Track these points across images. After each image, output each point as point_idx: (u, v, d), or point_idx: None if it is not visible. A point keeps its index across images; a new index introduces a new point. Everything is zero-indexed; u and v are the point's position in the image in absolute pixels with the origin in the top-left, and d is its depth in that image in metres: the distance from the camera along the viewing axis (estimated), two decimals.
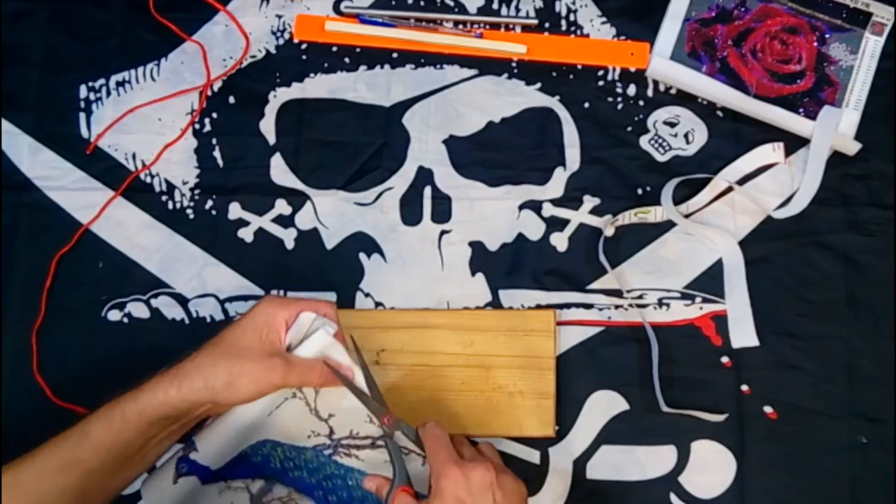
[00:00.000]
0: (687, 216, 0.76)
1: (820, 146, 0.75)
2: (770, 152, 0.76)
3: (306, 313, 0.62)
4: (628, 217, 0.75)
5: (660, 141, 0.78)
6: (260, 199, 0.77)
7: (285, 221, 0.77)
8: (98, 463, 0.56)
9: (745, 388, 0.72)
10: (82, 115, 0.79)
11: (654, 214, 0.75)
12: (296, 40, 0.80)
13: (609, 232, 0.75)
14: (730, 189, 0.76)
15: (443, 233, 0.76)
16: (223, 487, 0.64)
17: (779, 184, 0.76)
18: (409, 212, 0.77)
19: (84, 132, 0.78)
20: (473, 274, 0.76)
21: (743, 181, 0.76)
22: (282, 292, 0.75)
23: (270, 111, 0.79)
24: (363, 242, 0.76)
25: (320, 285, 0.75)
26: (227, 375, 0.57)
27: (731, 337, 0.73)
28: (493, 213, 0.77)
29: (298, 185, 0.77)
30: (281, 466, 0.64)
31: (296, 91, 0.79)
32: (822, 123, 0.75)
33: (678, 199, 0.76)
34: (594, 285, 0.75)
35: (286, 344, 0.62)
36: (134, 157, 0.78)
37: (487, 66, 0.79)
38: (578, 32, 0.80)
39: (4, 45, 0.79)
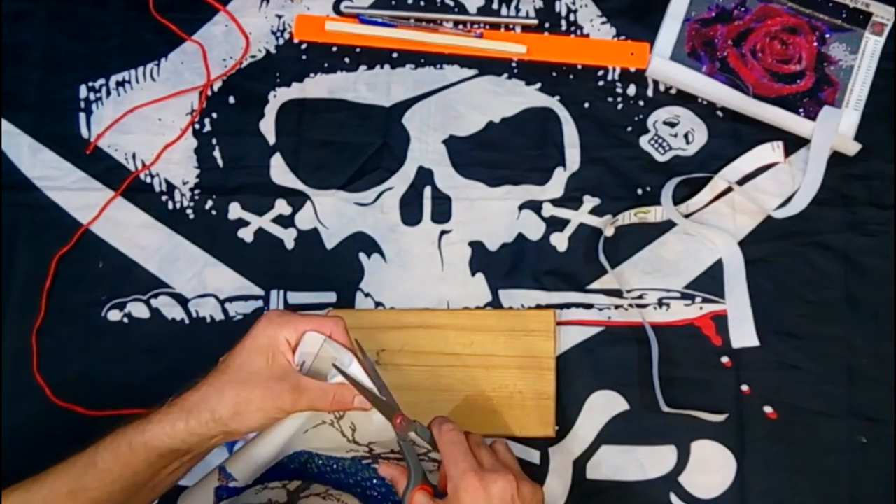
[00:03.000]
0: (687, 216, 0.76)
1: (820, 146, 0.75)
2: (769, 152, 0.76)
3: (313, 334, 0.58)
4: (628, 217, 0.75)
5: (660, 141, 0.78)
6: (260, 199, 0.77)
7: (285, 221, 0.77)
8: (105, 493, 0.55)
9: (745, 388, 0.72)
10: (82, 115, 0.79)
11: (654, 214, 0.75)
12: (296, 40, 0.80)
13: (609, 232, 0.75)
14: (730, 189, 0.76)
15: (443, 233, 0.76)
16: (260, 488, 0.62)
17: (779, 184, 0.76)
18: (409, 212, 0.77)
19: (84, 132, 0.78)
20: (473, 274, 0.76)
21: (743, 181, 0.76)
22: (282, 292, 0.75)
23: (270, 111, 0.79)
24: (363, 242, 0.76)
25: (320, 285, 0.75)
26: (233, 404, 0.55)
27: (731, 337, 0.73)
28: (493, 213, 0.77)
29: (298, 185, 0.77)
30: (318, 471, 0.62)
31: (296, 91, 0.79)
32: (822, 123, 0.75)
33: (678, 199, 0.76)
34: (594, 285, 0.75)
35: (296, 365, 0.58)
36: (134, 157, 0.78)
37: (487, 66, 0.79)
38: (578, 32, 0.80)
39: (4, 45, 0.79)
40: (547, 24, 0.80)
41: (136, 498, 0.57)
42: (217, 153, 0.78)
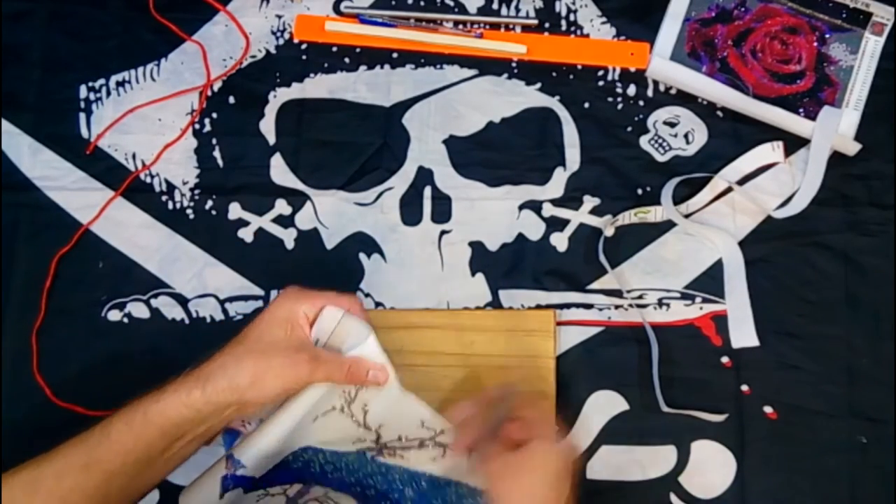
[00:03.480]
0: (687, 216, 0.76)
1: (820, 146, 0.75)
2: (769, 152, 0.76)
3: (331, 309, 0.60)
4: (628, 217, 0.75)
5: (660, 141, 0.78)
6: (260, 199, 0.77)
7: (285, 221, 0.77)
8: (119, 465, 0.54)
9: (745, 388, 0.72)
10: (82, 115, 0.79)
11: (654, 214, 0.75)
12: (296, 40, 0.80)
13: (609, 232, 0.75)
14: (730, 189, 0.76)
15: (443, 233, 0.76)
16: (262, 494, 0.62)
17: (779, 184, 0.76)
18: (409, 212, 0.77)
19: (84, 132, 0.78)
20: (473, 274, 0.76)
21: (743, 181, 0.76)
22: None
23: (270, 111, 0.79)
24: (363, 242, 0.76)
25: (320, 285, 0.74)
26: (252, 373, 0.55)
27: (731, 337, 0.73)
28: (493, 213, 0.77)
29: (298, 185, 0.77)
30: (320, 470, 0.62)
31: (296, 91, 0.79)
32: (822, 123, 0.75)
33: (678, 199, 0.76)
34: (594, 285, 0.75)
35: (314, 339, 0.59)
36: (134, 157, 0.78)
37: (487, 66, 0.79)
38: (578, 32, 0.80)
39: (4, 45, 0.79)
40: (547, 24, 0.80)
41: (149, 472, 0.57)
42: (217, 153, 0.78)
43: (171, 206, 0.77)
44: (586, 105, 0.78)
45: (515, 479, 0.54)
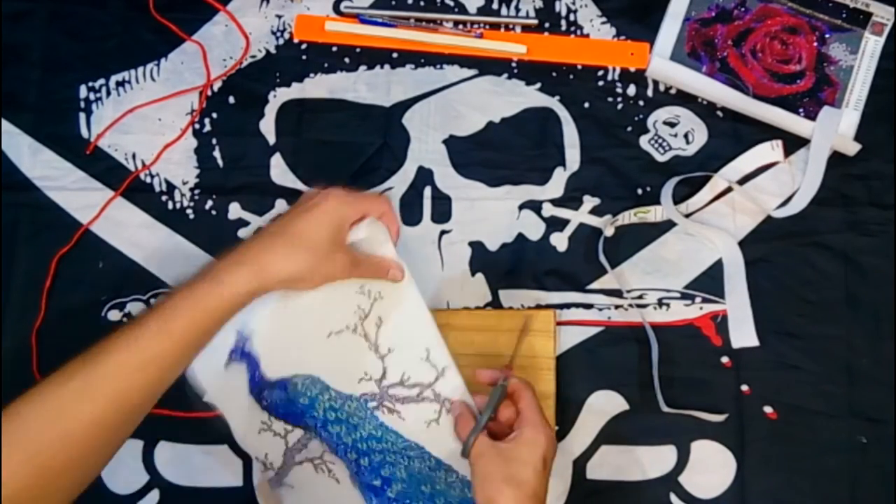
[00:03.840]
0: (687, 216, 0.76)
1: (820, 146, 0.75)
2: (769, 151, 0.76)
3: (366, 221, 0.64)
4: (628, 217, 0.75)
5: (660, 141, 0.78)
6: (260, 199, 0.77)
7: None
8: (178, 359, 0.55)
9: (745, 388, 0.72)
10: (82, 115, 0.79)
11: (654, 214, 0.75)
12: (296, 40, 0.80)
13: (609, 232, 0.75)
14: (730, 189, 0.76)
15: (443, 233, 0.76)
16: (264, 427, 0.66)
17: (779, 184, 0.76)
18: (409, 212, 0.77)
19: (84, 132, 0.78)
20: (473, 274, 0.76)
21: (743, 181, 0.76)
22: None
23: (270, 111, 0.79)
24: None
25: None
26: (306, 269, 0.59)
27: (731, 337, 0.73)
28: (493, 213, 0.77)
29: (298, 185, 0.77)
30: (323, 416, 0.65)
31: (296, 91, 0.79)
32: (822, 124, 0.75)
33: (678, 199, 0.76)
34: (594, 285, 0.75)
35: (349, 241, 0.63)
36: (134, 157, 0.78)
37: (487, 66, 0.79)
38: (578, 32, 0.80)
39: (4, 45, 0.79)
40: (547, 24, 0.80)
41: (189, 361, 0.57)
42: (217, 153, 0.78)
43: (171, 206, 0.77)
44: (586, 105, 0.78)
45: (501, 467, 0.57)
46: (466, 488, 0.63)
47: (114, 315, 0.75)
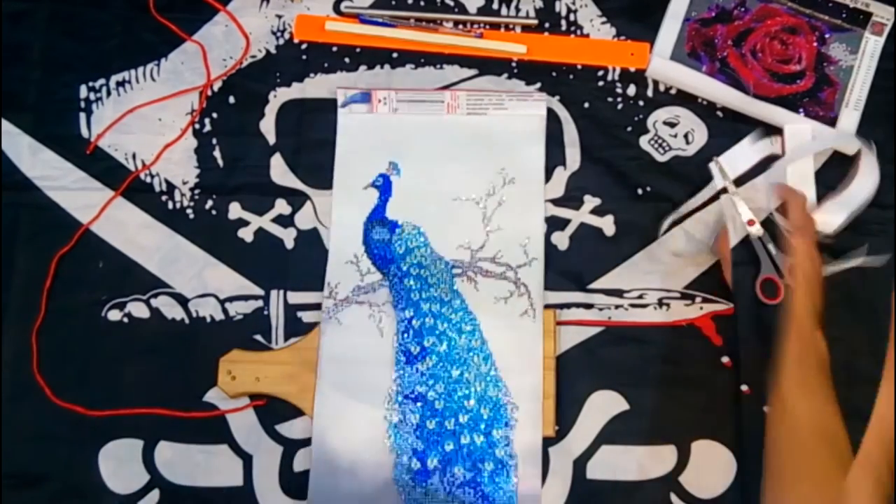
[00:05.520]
0: (687, 215, 0.76)
1: (802, 165, 0.75)
2: (768, 146, 0.76)
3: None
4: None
5: (660, 141, 0.78)
6: (260, 199, 0.77)
7: (285, 221, 0.77)
8: None
9: (744, 388, 0.72)
10: (82, 115, 0.79)
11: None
12: (296, 40, 0.80)
13: (610, 232, 0.75)
14: (725, 190, 0.76)
15: None
16: (353, 260, 0.74)
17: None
18: None
19: (84, 132, 0.78)
20: None
21: (742, 181, 0.76)
22: (282, 292, 0.75)
23: (270, 111, 0.79)
24: None
25: (320, 285, 0.75)
26: None
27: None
28: None
29: (298, 185, 0.77)
30: (407, 269, 0.71)
31: (296, 91, 0.79)
32: (791, 142, 0.76)
33: (677, 199, 0.76)
34: (594, 285, 0.75)
35: None
36: (134, 157, 0.78)
37: (487, 66, 0.79)
38: (578, 32, 0.80)
39: (4, 45, 0.79)
40: (547, 24, 0.80)
41: None
42: (217, 153, 0.78)
43: (171, 206, 0.77)
44: (586, 105, 0.78)
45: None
46: (492, 384, 0.70)
47: (114, 315, 0.75)
